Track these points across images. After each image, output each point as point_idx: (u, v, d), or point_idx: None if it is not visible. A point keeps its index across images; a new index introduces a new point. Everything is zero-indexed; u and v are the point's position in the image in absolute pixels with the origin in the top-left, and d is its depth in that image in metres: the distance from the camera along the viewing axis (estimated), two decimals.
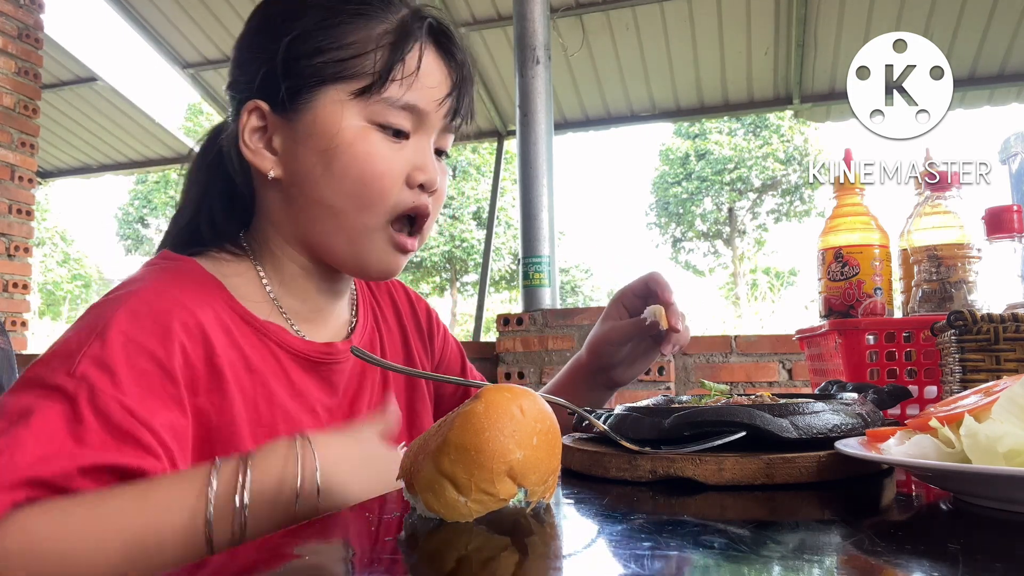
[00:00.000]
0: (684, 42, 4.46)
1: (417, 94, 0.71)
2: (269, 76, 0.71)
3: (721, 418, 0.61)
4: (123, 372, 0.58)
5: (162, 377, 0.60)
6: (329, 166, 0.69)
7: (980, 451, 0.47)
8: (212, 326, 0.65)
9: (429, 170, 0.72)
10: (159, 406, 0.59)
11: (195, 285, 0.68)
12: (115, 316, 0.60)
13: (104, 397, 0.56)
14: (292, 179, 0.72)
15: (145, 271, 0.70)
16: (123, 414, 0.56)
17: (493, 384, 0.51)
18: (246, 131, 0.72)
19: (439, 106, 0.72)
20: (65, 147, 5.90)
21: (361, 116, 0.69)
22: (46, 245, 21.04)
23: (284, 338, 0.72)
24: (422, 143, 0.73)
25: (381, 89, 0.69)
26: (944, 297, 1.02)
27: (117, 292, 0.65)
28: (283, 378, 0.71)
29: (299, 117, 0.70)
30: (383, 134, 0.70)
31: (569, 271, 21.90)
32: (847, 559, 0.41)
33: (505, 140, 5.25)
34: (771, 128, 18.93)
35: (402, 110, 0.70)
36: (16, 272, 3.83)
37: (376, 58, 0.69)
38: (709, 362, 2.84)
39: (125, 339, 0.59)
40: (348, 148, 0.69)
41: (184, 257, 0.73)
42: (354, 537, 0.52)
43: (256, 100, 0.71)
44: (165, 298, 0.64)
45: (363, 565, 0.45)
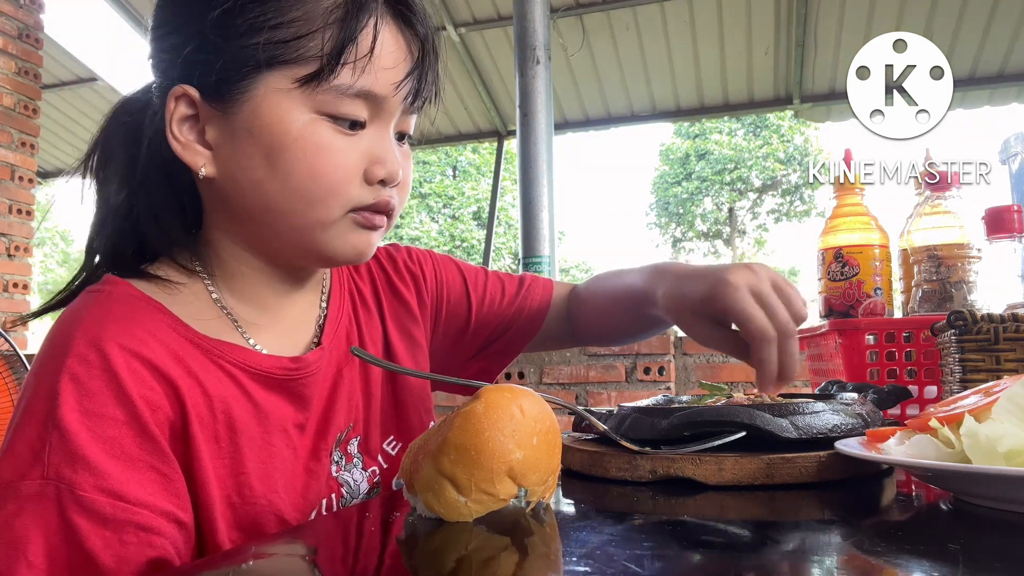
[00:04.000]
0: (684, 42, 4.46)
1: (373, 78, 0.60)
2: (196, 57, 0.60)
3: (721, 418, 0.61)
4: (93, 454, 0.53)
5: (135, 437, 0.55)
6: (273, 166, 0.60)
7: (980, 451, 0.47)
8: (161, 359, 0.58)
9: (389, 163, 0.63)
10: (143, 471, 0.55)
11: (131, 316, 0.60)
12: (61, 394, 0.54)
13: (87, 493, 0.52)
14: (229, 178, 0.62)
15: (71, 314, 0.61)
16: (112, 503, 0.53)
17: (493, 384, 0.51)
18: (174, 121, 0.61)
19: (398, 89, 0.62)
20: (65, 147, 5.90)
21: (308, 107, 0.60)
22: (46, 245, 21.04)
23: (240, 356, 0.64)
24: (381, 132, 0.63)
25: (331, 76, 0.59)
26: (944, 297, 1.02)
27: (49, 350, 0.58)
28: (244, 400, 0.63)
29: (235, 108, 0.60)
30: (335, 125, 0.61)
31: (569, 271, 21.88)
32: (847, 559, 0.41)
33: (505, 140, 5.25)
34: (771, 128, 18.93)
35: (356, 98, 0.60)
36: (16, 272, 3.83)
37: (324, 38, 0.58)
38: (709, 362, 2.84)
39: (80, 414, 0.54)
40: (294, 145, 0.59)
41: (118, 281, 0.63)
42: (354, 537, 0.52)
43: (184, 86, 0.61)
44: (102, 347, 0.56)
45: (363, 565, 0.45)
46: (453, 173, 19.33)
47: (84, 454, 0.53)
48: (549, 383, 2.82)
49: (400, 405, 0.78)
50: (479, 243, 18.13)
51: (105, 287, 0.63)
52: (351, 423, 0.72)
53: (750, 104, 4.96)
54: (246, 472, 0.62)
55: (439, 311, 0.88)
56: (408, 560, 0.45)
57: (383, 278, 0.83)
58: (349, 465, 0.71)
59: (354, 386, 0.73)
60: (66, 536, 0.52)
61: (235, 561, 0.47)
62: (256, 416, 0.64)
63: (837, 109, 4.68)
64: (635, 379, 2.74)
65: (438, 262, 0.89)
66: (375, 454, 0.74)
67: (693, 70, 4.66)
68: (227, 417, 0.61)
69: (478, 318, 0.89)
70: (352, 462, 0.72)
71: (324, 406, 0.70)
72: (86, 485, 0.52)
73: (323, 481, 0.68)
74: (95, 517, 0.52)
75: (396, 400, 0.78)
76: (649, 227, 20.99)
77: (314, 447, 0.68)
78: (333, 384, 0.71)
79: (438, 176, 18.85)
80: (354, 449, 0.72)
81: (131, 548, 0.53)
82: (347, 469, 0.71)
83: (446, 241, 18.49)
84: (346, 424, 0.72)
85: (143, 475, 0.55)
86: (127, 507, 0.53)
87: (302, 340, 0.72)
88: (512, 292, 0.92)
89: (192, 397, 0.59)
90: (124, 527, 0.53)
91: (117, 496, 0.53)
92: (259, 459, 0.63)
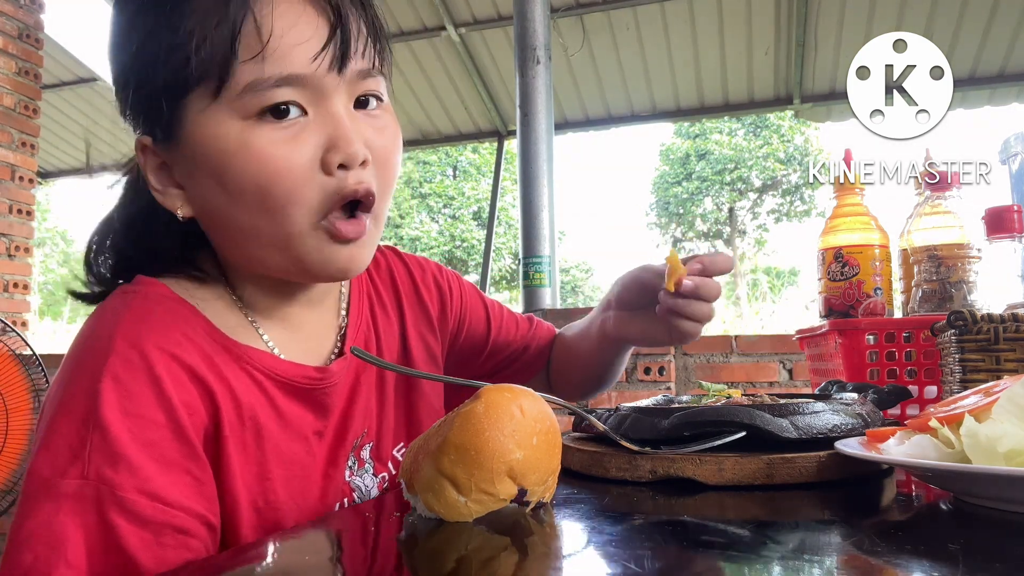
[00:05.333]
0: (684, 42, 4.46)
1: (283, 61, 0.56)
2: (134, 104, 0.61)
3: (721, 418, 0.61)
4: (134, 454, 0.53)
5: (172, 440, 0.56)
6: (225, 187, 0.58)
7: (980, 451, 0.47)
8: (198, 364, 0.59)
9: (343, 144, 0.57)
10: (179, 474, 0.56)
11: (169, 318, 0.60)
12: (102, 393, 0.54)
13: (127, 494, 0.52)
14: (201, 211, 0.62)
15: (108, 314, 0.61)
16: (151, 505, 0.53)
17: (493, 384, 0.51)
18: (149, 172, 0.62)
19: (319, 62, 0.57)
20: (65, 147, 5.90)
21: (234, 115, 0.56)
22: (46, 245, 21.04)
23: (266, 363, 0.64)
24: (326, 111, 0.58)
25: (232, 78, 0.55)
26: (944, 297, 1.02)
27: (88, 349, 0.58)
28: (268, 408, 0.64)
29: (178, 143, 0.59)
30: (270, 123, 0.57)
31: (569, 271, 21.88)
32: (847, 559, 0.41)
33: (505, 140, 5.25)
34: (771, 128, 18.93)
35: (276, 88, 0.56)
36: (16, 272, 3.83)
37: (214, 45, 0.55)
38: (709, 362, 2.84)
39: (122, 415, 0.54)
40: (235, 159, 0.57)
41: (151, 281, 0.63)
42: (354, 537, 0.52)
43: (141, 138, 0.61)
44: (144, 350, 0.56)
45: (363, 565, 0.45)
46: (453, 173, 19.33)
47: (125, 455, 0.53)
48: None
49: (413, 411, 0.79)
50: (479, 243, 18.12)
51: (140, 287, 0.63)
52: (365, 429, 0.73)
53: (750, 104, 4.96)
54: (271, 478, 0.63)
55: (460, 330, 0.89)
56: (408, 560, 0.45)
57: (408, 284, 0.84)
58: (361, 470, 0.72)
59: (371, 393, 0.74)
60: (106, 536, 0.52)
61: (235, 562, 0.47)
62: (279, 423, 0.64)
63: (837, 109, 4.68)
64: (635, 379, 2.74)
65: (464, 285, 0.91)
66: (386, 460, 0.75)
67: (693, 70, 4.66)
68: (254, 423, 0.62)
69: (494, 344, 0.92)
70: (364, 467, 0.72)
71: (343, 413, 0.71)
72: (127, 486, 0.52)
73: (338, 486, 0.69)
74: (135, 518, 0.52)
75: (409, 406, 0.79)
76: (649, 227, 21.00)
77: (332, 454, 0.69)
78: (352, 392, 0.72)
79: (438, 176, 18.85)
80: (367, 455, 0.73)
81: (169, 550, 0.53)
82: (359, 474, 0.72)
83: (446, 241, 18.49)
84: (361, 430, 0.72)
85: (180, 478, 0.55)
86: (166, 509, 0.53)
87: (324, 349, 0.72)
88: (525, 327, 0.96)
89: (224, 403, 0.60)
90: (162, 529, 0.53)
91: (156, 498, 0.53)
92: (282, 465, 0.64)
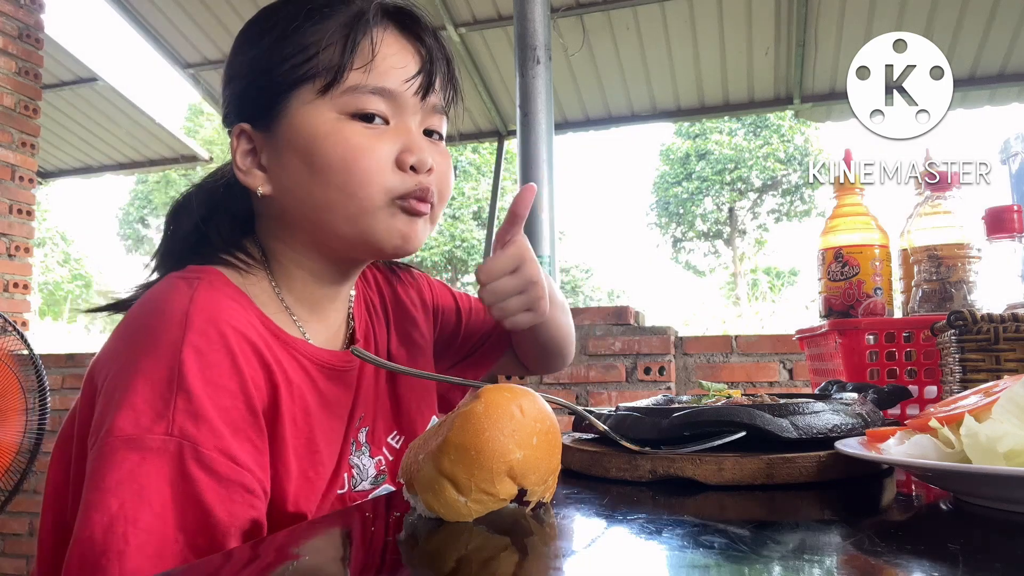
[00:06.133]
0: (685, 42, 4.46)
1: (383, 77, 0.70)
2: (244, 96, 0.73)
3: (721, 418, 0.61)
4: (215, 418, 0.60)
5: (244, 410, 0.62)
6: (312, 166, 0.69)
7: (980, 451, 0.47)
8: (259, 345, 0.66)
9: (416, 150, 0.71)
10: (244, 440, 0.62)
11: (232, 302, 0.68)
12: (185, 362, 0.60)
13: (207, 451, 0.58)
14: (281, 191, 0.72)
15: (179, 295, 0.66)
16: (227, 463, 0.59)
17: (493, 384, 0.51)
18: (238, 155, 0.73)
19: (409, 85, 0.71)
20: (65, 147, 5.89)
21: (333, 110, 0.69)
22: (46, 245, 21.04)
23: (308, 350, 0.73)
24: (404, 125, 0.72)
25: (342, 80, 0.69)
26: (944, 297, 1.02)
27: (166, 323, 0.63)
28: (312, 389, 0.72)
29: (277, 128, 0.71)
30: (360, 123, 0.69)
31: (569, 271, 21.88)
32: (847, 559, 0.41)
33: (505, 140, 5.24)
34: (771, 128, 18.93)
35: (372, 95, 0.70)
36: (17, 272, 3.83)
37: (332, 53, 0.69)
38: (709, 362, 2.84)
39: (204, 383, 0.60)
40: (325, 143, 0.68)
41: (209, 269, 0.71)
42: (354, 537, 0.52)
43: (241, 124, 0.73)
44: (220, 327, 0.63)
45: (363, 565, 0.45)
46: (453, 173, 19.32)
47: (207, 416, 0.59)
48: (549, 383, 2.82)
49: (400, 402, 0.86)
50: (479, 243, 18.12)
51: (202, 274, 0.69)
52: (363, 414, 0.81)
53: (750, 104, 4.95)
54: (319, 451, 0.71)
55: (437, 319, 0.98)
56: (408, 560, 0.45)
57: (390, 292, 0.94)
58: (359, 451, 0.79)
59: (369, 380, 0.82)
60: (186, 488, 0.57)
61: (235, 562, 0.47)
62: (320, 402, 0.73)
63: (837, 109, 4.68)
64: (635, 379, 2.74)
65: (431, 280, 1.01)
66: (380, 445, 0.82)
67: (693, 70, 4.65)
68: (303, 402, 0.70)
69: (467, 327, 1.00)
70: (361, 449, 0.79)
71: (352, 396, 0.79)
72: (207, 443, 0.58)
73: (345, 463, 0.76)
74: (212, 473, 0.58)
75: (396, 397, 0.86)
76: (649, 227, 21.00)
77: (346, 431, 0.77)
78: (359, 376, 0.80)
79: None
80: (363, 438, 0.80)
81: (238, 506, 0.59)
82: (356, 454, 0.79)
83: (446, 241, 18.49)
84: (360, 413, 0.80)
85: (245, 444, 0.62)
86: (238, 469, 0.60)
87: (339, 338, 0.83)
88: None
89: (282, 380, 0.67)
90: (234, 486, 0.59)
91: (231, 457, 0.59)
92: (325, 440, 0.72)
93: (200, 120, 21.18)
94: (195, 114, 21.69)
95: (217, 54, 4.91)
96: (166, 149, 5.97)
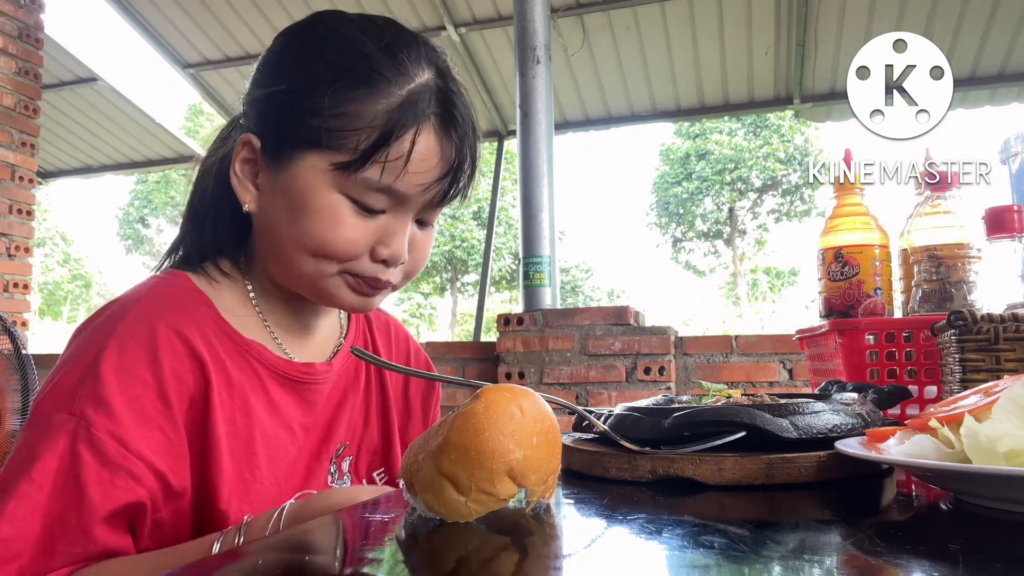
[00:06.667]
0: (685, 42, 4.46)
1: (401, 180, 0.67)
2: (269, 118, 0.70)
3: (721, 418, 0.61)
4: (117, 404, 0.62)
5: (155, 400, 0.64)
6: (295, 222, 0.68)
7: (980, 451, 0.47)
8: (197, 343, 0.68)
9: (395, 247, 0.70)
10: (152, 429, 0.64)
11: (182, 302, 0.70)
12: (106, 349, 0.64)
13: (100, 434, 0.61)
14: (262, 216, 0.72)
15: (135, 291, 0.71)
16: (116, 448, 0.61)
17: (493, 384, 0.51)
18: (237, 161, 0.72)
19: (424, 192, 0.69)
20: (65, 147, 5.89)
21: (336, 187, 0.67)
22: (46, 245, 21.04)
23: (264, 356, 0.73)
24: (398, 220, 0.70)
25: (360, 170, 0.66)
26: (944, 297, 1.02)
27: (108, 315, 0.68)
28: (262, 394, 0.72)
29: (280, 169, 0.69)
30: (356, 207, 0.68)
31: (569, 271, 21.89)
32: (847, 559, 0.41)
33: (505, 140, 5.25)
34: (771, 128, 18.93)
35: (380, 192, 0.68)
36: (16, 272, 3.83)
37: (362, 138, 0.65)
38: (709, 362, 2.84)
39: (117, 369, 0.63)
40: (315, 214, 0.67)
41: (178, 273, 0.74)
42: (354, 537, 0.52)
43: (251, 135, 0.71)
44: (152, 322, 0.66)
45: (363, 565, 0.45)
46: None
47: (109, 401, 0.62)
48: (549, 383, 2.82)
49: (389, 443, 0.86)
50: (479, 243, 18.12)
51: (169, 277, 0.74)
52: (347, 442, 0.81)
53: (750, 104, 4.96)
54: (257, 454, 0.70)
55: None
56: (408, 560, 0.45)
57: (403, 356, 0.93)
58: (340, 480, 0.79)
59: (355, 410, 0.82)
60: (70, 463, 0.60)
61: (234, 561, 0.47)
62: (268, 408, 0.73)
63: (837, 109, 4.68)
64: (635, 379, 2.74)
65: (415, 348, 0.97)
66: (362, 477, 0.82)
67: (693, 70, 4.65)
68: (244, 403, 0.70)
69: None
70: (343, 478, 0.79)
71: (330, 417, 0.79)
72: (101, 426, 0.61)
73: (321, 483, 0.76)
74: (99, 455, 0.60)
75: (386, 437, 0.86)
76: (649, 227, 21.00)
77: (317, 449, 0.77)
78: (339, 401, 0.80)
79: None
80: (346, 467, 0.80)
81: (118, 491, 0.61)
82: (339, 483, 0.78)
83: (446, 241, 18.50)
84: (344, 440, 0.80)
85: (152, 433, 0.63)
86: (126, 455, 0.61)
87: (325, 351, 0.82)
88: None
89: (218, 377, 0.68)
90: (118, 471, 0.61)
91: (122, 443, 0.61)
92: (267, 446, 0.71)
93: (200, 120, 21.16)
94: (195, 114, 21.68)
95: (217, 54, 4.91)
96: (166, 149, 5.97)
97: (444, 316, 19.90)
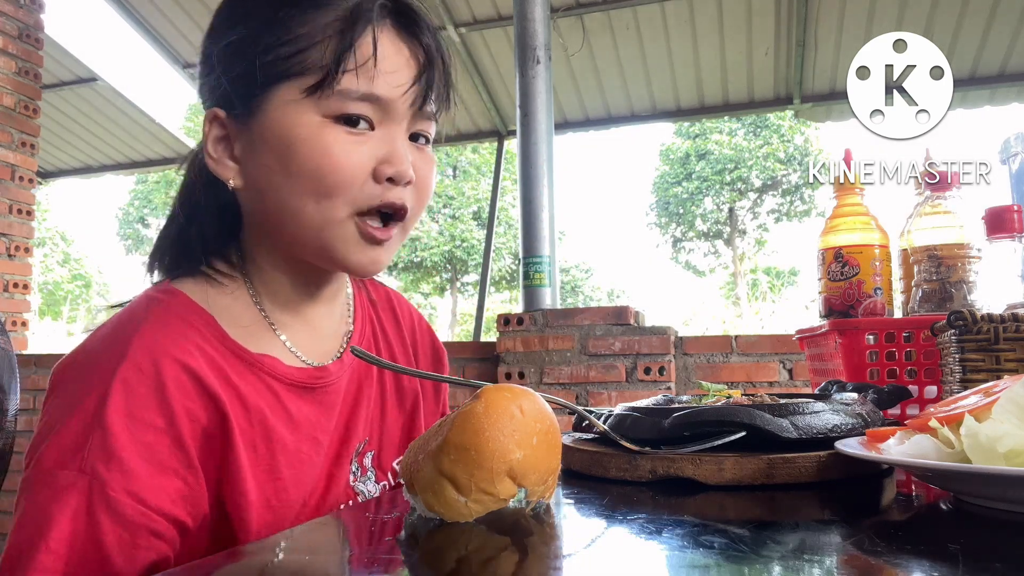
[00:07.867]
0: (684, 42, 4.46)
1: (376, 83, 0.65)
2: (222, 82, 0.67)
3: (721, 418, 0.61)
4: (130, 456, 0.58)
5: (169, 446, 0.60)
6: (287, 167, 0.65)
7: (980, 451, 0.47)
8: (206, 373, 0.64)
9: (397, 161, 0.66)
10: (169, 477, 0.60)
11: (183, 327, 0.66)
12: (110, 395, 0.59)
13: (115, 494, 0.57)
14: (252, 186, 0.68)
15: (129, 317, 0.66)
16: (135, 507, 0.57)
17: (493, 384, 0.51)
18: (209, 141, 0.69)
19: (404, 93, 0.66)
20: (65, 147, 5.89)
21: (316, 112, 0.64)
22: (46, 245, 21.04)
23: (277, 369, 0.70)
24: (390, 133, 0.67)
25: (333, 83, 0.63)
26: (944, 297, 1.02)
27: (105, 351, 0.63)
28: (280, 411, 0.69)
29: (254, 121, 0.66)
30: (343, 127, 0.65)
31: (569, 271, 21.88)
32: (847, 559, 0.41)
33: (505, 140, 5.24)
34: (771, 128, 18.92)
35: (361, 101, 0.65)
36: (16, 272, 3.83)
37: (325, 50, 0.63)
38: (709, 362, 2.84)
39: (125, 417, 0.59)
40: (303, 145, 0.64)
41: (175, 291, 0.69)
42: (354, 537, 0.52)
43: (215, 109, 0.68)
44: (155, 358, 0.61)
45: (363, 565, 0.45)
46: (453, 173, 19.34)
47: (121, 456, 0.58)
48: (549, 383, 2.82)
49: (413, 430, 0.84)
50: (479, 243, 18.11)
51: (164, 296, 0.68)
52: (367, 437, 0.78)
53: (750, 104, 4.95)
54: (282, 477, 0.67)
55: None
56: (408, 560, 0.45)
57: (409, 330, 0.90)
58: (364, 477, 0.76)
59: (372, 402, 0.79)
60: (88, 528, 0.56)
61: (235, 562, 0.47)
62: (289, 425, 0.69)
63: (837, 109, 4.68)
64: (635, 379, 2.74)
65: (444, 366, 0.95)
66: (387, 470, 0.79)
67: (693, 70, 4.65)
68: (263, 427, 0.67)
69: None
70: (367, 474, 0.77)
71: (347, 416, 0.76)
72: (116, 485, 0.57)
73: (342, 488, 0.73)
74: (117, 517, 0.57)
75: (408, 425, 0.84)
76: (649, 227, 21.00)
77: (337, 454, 0.74)
78: (355, 397, 0.77)
79: (438, 176, 18.85)
80: (369, 462, 0.77)
81: (141, 551, 0.57)
82: (362, 480, 0.76)
83: (446, 241, 18.49)
84: (364, 437, 0.77)
85: (169, 482, 0.60)
86: (147, 512, 0.58)
87: (331, 348, 0.78)
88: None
89: (234, 409, 0.64)
90: (139, 531, 0.57)
91: (141, 501, 0.58)
92: (291, 464, 0.68)
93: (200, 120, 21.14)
94: (195, 114, 21.67)
95: None
96: (166, 149, 5.97)
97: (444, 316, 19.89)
